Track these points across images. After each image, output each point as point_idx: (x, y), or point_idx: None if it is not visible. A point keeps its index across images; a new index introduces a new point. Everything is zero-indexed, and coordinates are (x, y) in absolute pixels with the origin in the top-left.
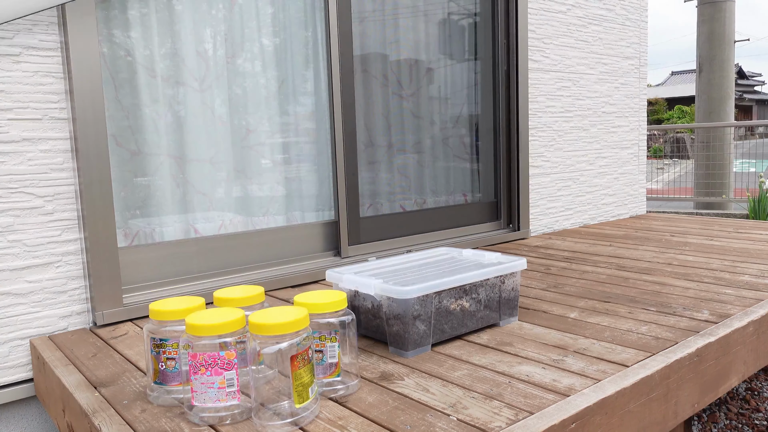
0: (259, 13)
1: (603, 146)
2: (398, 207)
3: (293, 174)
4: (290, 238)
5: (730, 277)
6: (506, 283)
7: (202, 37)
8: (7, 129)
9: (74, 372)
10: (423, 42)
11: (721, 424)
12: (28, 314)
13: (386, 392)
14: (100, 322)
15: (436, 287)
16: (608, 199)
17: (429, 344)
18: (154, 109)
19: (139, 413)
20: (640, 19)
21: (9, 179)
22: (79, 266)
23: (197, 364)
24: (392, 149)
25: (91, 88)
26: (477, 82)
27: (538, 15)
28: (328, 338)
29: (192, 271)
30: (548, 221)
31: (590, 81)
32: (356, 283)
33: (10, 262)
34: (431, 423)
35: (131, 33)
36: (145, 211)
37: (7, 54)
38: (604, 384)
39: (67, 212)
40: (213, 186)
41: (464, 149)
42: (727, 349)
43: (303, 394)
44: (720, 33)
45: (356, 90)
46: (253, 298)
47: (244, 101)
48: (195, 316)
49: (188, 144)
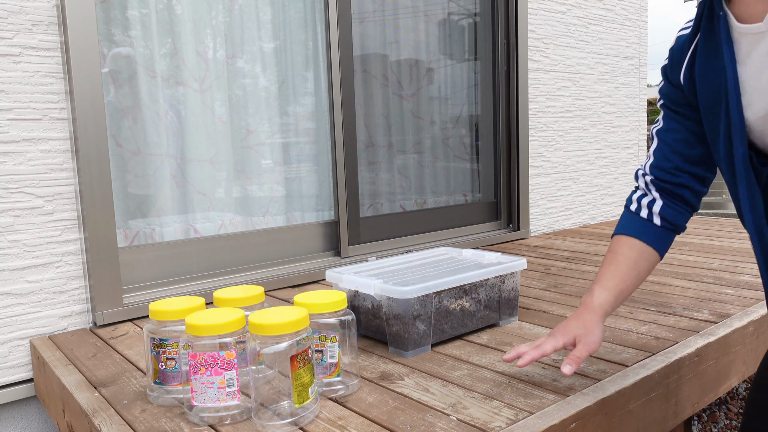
0: (259, 14)
1: (603, 146)
2: (398, 207)
3: (293, 174)
4: (290, 238)
5: (730, 277)
6: (506, 283)
7: (202, 38)
8: (7, 129)
9: (74, 372)
10: (423, 42)
11: (721, 424)
12: (28, 314)
13: (386, 392)
14: (100, 322)
15: (436, 287)
16: (608, 199)
17: (429, 344)
18: (154, 109)
19: (139, 413)
20: (640, 19)
21: (9, 179)
22: (79, 266)
23: (197, 364)
24: (392, 149)
25: (91, 88)
26: (477, 82)
27: (538, 15)
28: (328, 338)
29: (192, 271)
30: (548, 221)
31: (590, 81)
32: (356, 283)
33: (10, 262)
34: (431, 423)
35: (131, 33)
36: (145, 211)
37: (7, 54)
38: (604, 384)
39: (67, 212)
40: (213, 186)
41: (464, 149)
42: (727, 349)
43: (303, 394)
44: None
45: (356, 90)
46: (253, 298)
47: (244, 101)
48: (195, 316)
49: (188, 144)
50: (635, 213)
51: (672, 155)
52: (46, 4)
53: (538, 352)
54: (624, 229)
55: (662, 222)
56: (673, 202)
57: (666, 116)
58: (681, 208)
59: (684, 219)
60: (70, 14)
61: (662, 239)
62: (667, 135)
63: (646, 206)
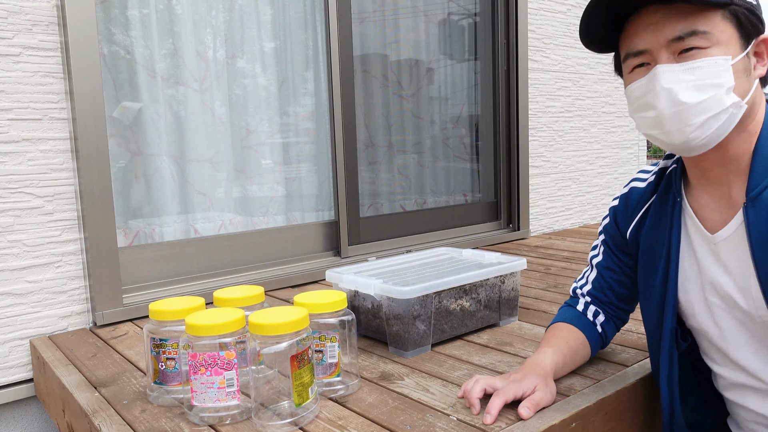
0: (259, 14)
1: (603, 146)
2: (398, 207)
3: (293, 174)
4: (290, 238)
5: None
6: (506, 283)
7: (202, 38)
8: (7, 129)
9: (74, 372)
10: (423, 42)
11: None
12: (28, 314)
13: (386, 392)
14: (100, 322)
15: (436, 287)
16: (608, 199)
17: (429, 344)
18: (154, 109)
19: (139, 413)
20: None
21: (9, 179)
22: (79, 266)
23: (197, 364)
24: (392, 149)
25: (91, 88)
26: (477, 82)
27: (538, 15)
28: (328, 338)
29: (192, 271)
30: (548, 221)
31: (590, 81)
32: (356, 283)
33: (10, 262)
34: (431, 423)
35: (131, 33)
36: (145, 211)
37: (7, 54)
38: (604, 384)
39: (67, 212)
40: (213, 186)
41: (464, 149)
42: None
43: (303, 394)
44: None
45: (356, 90)
46: (253, 298)
47: (244, 101)
48: (195, 316)
49: (188, 144)
50: (579, 311)
51: (607, 290)
52: (46, 4)
53: (500, 401)
54: (566, 320)
55: (600, 331)
56: (612, 319)
57: (606, 253)
58: (615, 325)
59: (613, 334)
60: (70, 14)
61: (596, 342)
62: (605, 272)
63: (592, 314)
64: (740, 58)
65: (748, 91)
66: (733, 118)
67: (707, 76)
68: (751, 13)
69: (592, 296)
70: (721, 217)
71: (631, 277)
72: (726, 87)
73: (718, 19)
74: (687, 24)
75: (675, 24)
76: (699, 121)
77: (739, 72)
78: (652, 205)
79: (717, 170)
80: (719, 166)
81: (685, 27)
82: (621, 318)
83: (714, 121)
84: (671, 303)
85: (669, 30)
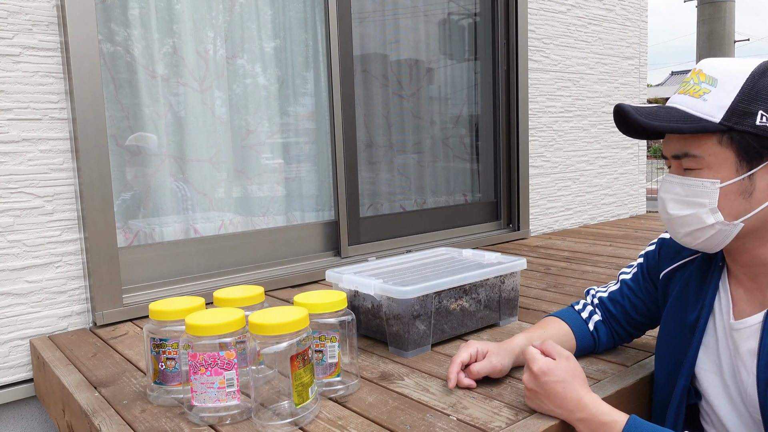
0: (259, 13)
1: (603, 146)
2: (398, 207)
3: (293, 174)
4: (290, 238)
5: None
6: (506, 283)
7: (203, 37)
8: (7, 129)
9: (74, 372)
10: (423, 42)
11: None
12: (28, 314)
13: (386, 392)
14: (100, 322)
15: (436, 287)
16: (608, 199)
17: (429, 344)
18: (154, 109)
19: (139, 413)
20: (640, 19)
21: (9, 179)
22: (79, 266)
23: (197, 364)
24: (392, 149)
25: (91, 88)
26: (477, 82)
27: (538, 15)
28: (328, 338)
29: (192, 271)
30: (548, 221)
31: (590, 81)
32: (356, 283)
33: (10, 262)
34: (431, 423)
35: (131, 33)
36: (145, 211)
37: (7, 54)
38: (604, 384)
39: (67, 212)
40: (213, 186)
41: (464, 149)
42: None
43: (303, 394)
44: (720, 33)
45: (356, 90)
46: (253, 298)
47: (244, 101)
48: (195, 316)
49: (188, 144)
50: (574, 309)
51: (619, 306)
52: (46, 4)
53: (455, 365)
54: (556, 315)
55: (593, 329)
56: (610, 328)
57: (636, 274)
58: (611, 334)
59: (607, 339)
60: (70, 14)
61: (586, 339)
62: (626, 289)
63: (588, 313)
64: (734, 182)
65: (747, 211)
66: (725, 233)
67: (693, 195)
68: (757, 137)
69: (602, 306)
70: (748, 307)
71: (647, 305)
72: (708, 207)
73: (711, 144)
74: (681, 146)
75: (675, 144)
76: (684, 231)
77: (732, 194)
78: (697, 259)
79: (746, 269)
80: (748, 267)
81: (681, 148)
82: (619, 335)
83: (701, 234)
84: (690, 361)
85: (671, 148)
